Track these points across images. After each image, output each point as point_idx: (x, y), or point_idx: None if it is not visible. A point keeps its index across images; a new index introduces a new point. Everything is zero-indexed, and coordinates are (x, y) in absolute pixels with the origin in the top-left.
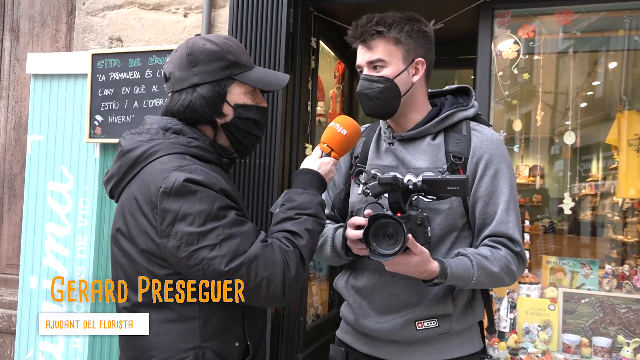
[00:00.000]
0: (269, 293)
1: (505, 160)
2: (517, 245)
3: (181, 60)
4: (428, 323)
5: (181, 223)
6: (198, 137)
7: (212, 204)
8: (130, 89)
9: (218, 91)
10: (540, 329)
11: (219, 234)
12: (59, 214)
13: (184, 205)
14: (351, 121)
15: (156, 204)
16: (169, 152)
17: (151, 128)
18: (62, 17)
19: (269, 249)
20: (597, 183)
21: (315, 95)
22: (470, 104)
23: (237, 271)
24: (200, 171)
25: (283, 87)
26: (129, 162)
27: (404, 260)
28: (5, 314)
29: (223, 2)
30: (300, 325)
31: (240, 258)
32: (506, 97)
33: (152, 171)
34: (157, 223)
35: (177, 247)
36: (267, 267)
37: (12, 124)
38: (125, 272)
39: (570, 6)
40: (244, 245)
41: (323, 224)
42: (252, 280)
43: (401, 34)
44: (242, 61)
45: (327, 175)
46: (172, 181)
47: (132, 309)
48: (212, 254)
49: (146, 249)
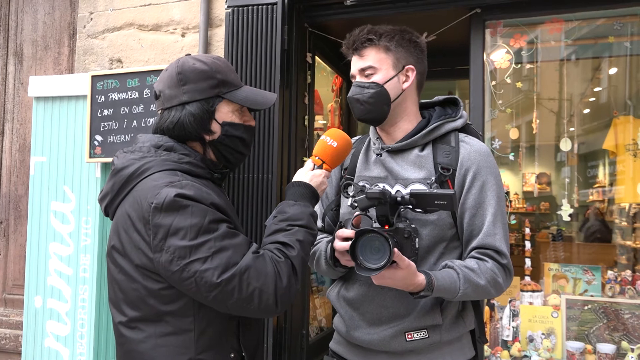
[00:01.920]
0: (262, 304)
1: (493, 172)
2: (504, 258)
3: (171, 79)
4: (418, 334)
5: (173, 237)
6: (189, 153)
7: (203, 218)
8: (129, 108)
9: (206, 109)
10: (544, 336)
11: (211, 247)
12: (62, 234)
13: (175, 220)
14: (342, 134)
15: (148, 219)
16: (161, 168)
17: (143, 146)
18: (64, 41)
19: (261, 260)
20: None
21: (312, 109)
22: (458, 115)
23: (229, 282)
24: (191, 186)
25: (270, 105)
26: (121, 180)
27: (391, 274)
28: (12, 334)
29: (219, 21)
30: (303, 339)
31: (232, 269)
32: (500, 106)
33: (144, 188)
34: (150, 238)
35: (169, 261)
36: (258, 278)
37: (17, 146)
38: (122, 287)
39: (560, 15)
40: (235, 257)
41: (315, 234)
42: (245, 291)
43: (391, 43)
44: (230, 80)
45: (319, 187)
46: (164, 197)
47: (128, 324)
48: (204, 267)
49: (140, 265)
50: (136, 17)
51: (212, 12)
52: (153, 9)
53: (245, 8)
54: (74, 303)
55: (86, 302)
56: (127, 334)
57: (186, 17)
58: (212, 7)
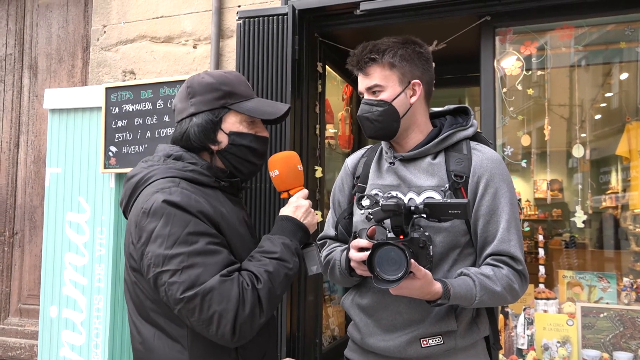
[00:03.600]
0: (219, 329)
1: (505, 179)
2: (519, 264)
3: (182, 93)
4: (433, 340)
5: (153, 244)
6: (196, 161)
7: (183, 228)
8: (142, 119)
9: (211, 119)
10: (559, 345)
11: (182, 261)
12: (77, 244)
13: (157, 227)
14: (276, 158)
15: (137, 223)
16: (162, 176)
17: (156, 155)
18: (77, 53)
19: (227, 284)
20: (617, 195)
21: (323, 118)
22: (469, 124)
23: (191, 301)
24: (179, 193)
25: (280, 115)
26: (130, 187)
27: (408, 284)
28: (28, 344)
29: (230, 32)
30: (317, 348)
31: (196, 288)
32: (512, 113)
33: (144, 194)
34: (136, 242)
35: (147, 266)
36: (220, 302)
37: (32, 158)
38: (128, 287)
39: (570, 21)
40: (204, 276)
41: (290, 267)
42: (205, 313)
43: (395, 58)
44: (238, 92)
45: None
46: (152, 202)
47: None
48: (172, 279)
49: (131, 266)
50: (148, 30)
51: (223, 23)
52: (165, 21)
53: (256, 19)
54: (89, 313)
55: (101, 311)
56: (133, 332)
57: (198, 28)
58: (223, 18)
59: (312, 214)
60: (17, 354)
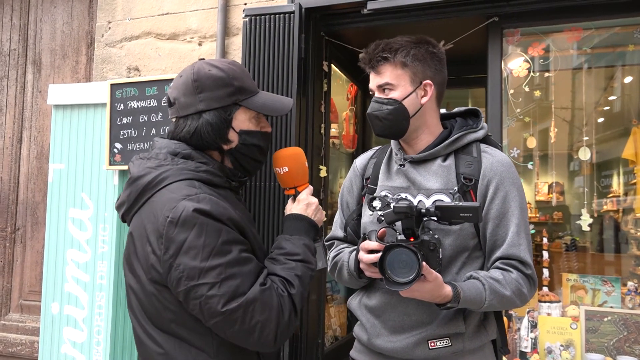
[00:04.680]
0: (262, 337)
1: (515, 183)
2: (529, 268)
3: (186, 86)
4: (441, 342)
5: (185, 256)
6: (207, 161)
7: (217, 238)
8: (147, 116)
9: (224, 117)
10: (563, 348)
11: (220, 273)
12: (80, 240)
13: (189, 237)
14: (283, 154)
15: (162, 233)
16: (178, 178)
17: (160, 153)
18: (82, 49)
19: (267, 293)
20: (618, 199)
21: (328, 117)
22: (479, 126)
23: (234, 313)
24: (208, 200)
25: (287, 111)
26: (138, 189)
27: (419, 287)
28: (28, 340)
29: (236, 30)
30: (319, 348)
31: (239, 300)
32: (518, 114)
33: (161, 199)
34: (161, 253)
35: (178, 279)
36: (263, 312)
37: (35, 154)
38: (138, 297)
39: (578, 23)
40: (243, 286)
41: (313, 267)
42: (247, 323)
43: (407, 58)
44: (247, 86)
45: (315, 215)
46: (180, 211)
47: (146, 333)
48: (211, 293)
49: (152, 278)
50: (154, 26)
51: (229, 21)
52: (170, 18)
53: (263, 17)
54: (91, 310)
55: (103, 308)
56: (146, 341)
57: (203, 26)
58: (229, 16)
59: (321, 211)
60: (17, 350)
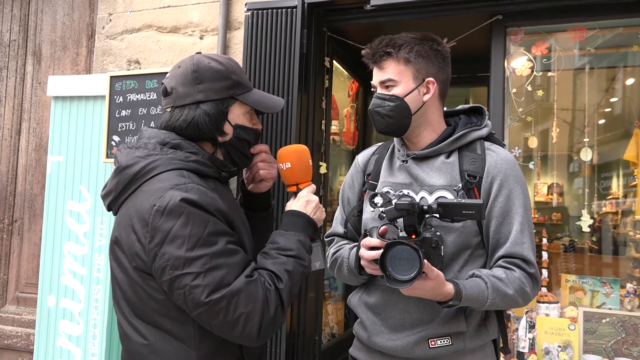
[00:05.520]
0: (245, 330)
1: (519, 181)
2: (532, 267)
3: (186, 77)
4: (441, 341)
5: (170, 245)
6: (197, 151)
7: (204, 228)
8: (147, 109)
9: (221, 109)
10: (561, 349)
11: (205, 263)
12: (77, 233)
13: (175, 226)
14: (287, 150)
15: (148, 221)
16: (168, 168)
17: (149, 142)
18: (82, 41)
19: (253, 285)
20: (617, 201)
21: (329, 114)
22: (483, 124)
23: (217, 303)
24: (196, 190)
25: (279, 110)
26: (126, 179)
27: (420, 285)
28: (24, 332)
29: (238, 24)
30: (316, 345)
31: (223, 291)
32: (520, 114)
33: (150, 189)
34: (146, 241)
35: (162, 268)
36: (247, 304)
37: (33, 145)
38: (122, 287)
39: (583, 23)
40: (228, 277)
41: (306, 264)
42: (231, 315)
43: (411, 54)
44: (243, 82)
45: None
46: (167, 200)
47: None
48: (195, 282)
49: (137, 267)
50: (155, 19)
51: (231, 14)
52: (172, 11)
53: (265, 11)
54: (87, 303)
55: (99, 302)
56: (129, 333)
57: (205, 19)
58: (231, 9)
59: (321, 209)
60: (13, 342)
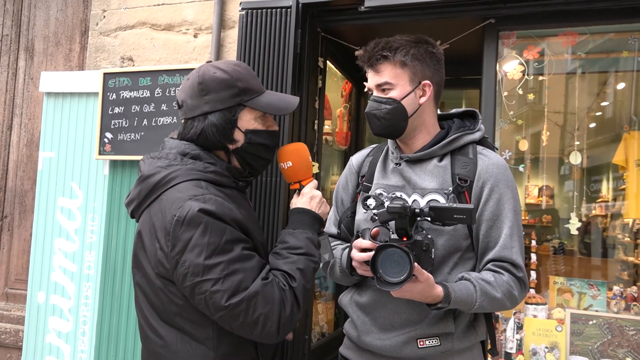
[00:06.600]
0: (265, 330)
1: (510, 186)
2: (520, 271)
3: (193, 89)
4: (430, 341)
5: (190, 253)
6: (215, 162)
7: (221, 237)
8: (140, 107)
9: (229, 118)
10: (547, 350)
11: (224, 269)
12: (68, 230)
13: (194, 236)
14: (287, 149)
15: (169, 231)
16: (187, 178)
17: (170, 153)
18: (75, 37)
19: (269, 287)
20: (607, 204)
21: (322, 114)
22: (476, 128)
23: (237, 306)
24: (213, 201)
25: (293, 110)
26: (148, 188)
27: (410, 287)
28: (13, 329)
29: (232, 23)
30: (305, 344)
31: (241, 294)
32: (512, 117)
33: (170, 198)
34: (168, 249)
35: (184, 275)
36: (265, 305)
37: (25, 141)
38: (144, 291)
39: (574, 28)
40: (246, 281)
41: (316, 260)
42: (250, 316)
43: (407, 57)
44: (252, 87)
45: (319, 208)
46: (186, 210)
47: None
48: (215, 288)
49: (159, 273)
50: (149, 17)
51: (226, 13)
52: (166, 8)
53: (259, 11)
54: (77, 300)
55: (89, 299)
56: (150, 335)
57: (199, 17)
58: (225, 8)
59: (325, 203)
60: (1, 338)
